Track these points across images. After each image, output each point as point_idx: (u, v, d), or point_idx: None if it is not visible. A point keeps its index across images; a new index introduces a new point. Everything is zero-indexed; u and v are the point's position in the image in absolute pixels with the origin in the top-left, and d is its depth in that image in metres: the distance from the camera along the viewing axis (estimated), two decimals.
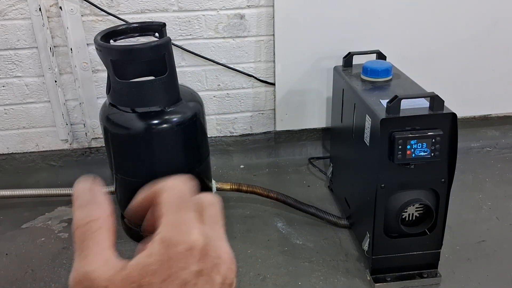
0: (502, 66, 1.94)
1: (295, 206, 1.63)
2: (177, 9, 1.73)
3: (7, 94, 1.79)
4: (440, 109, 1.19)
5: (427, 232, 1.31)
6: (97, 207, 0.31)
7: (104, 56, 1.32)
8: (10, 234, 1.61)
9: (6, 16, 1.66)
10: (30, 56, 1.73)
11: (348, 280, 1.37)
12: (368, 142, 1.27)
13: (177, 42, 1.76)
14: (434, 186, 1.25)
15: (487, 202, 1.70)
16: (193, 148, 1.47)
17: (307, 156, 2.01)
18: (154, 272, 0.28)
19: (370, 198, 1.28)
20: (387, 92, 1.35)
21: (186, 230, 0.30)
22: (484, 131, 2.09)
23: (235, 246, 1.51)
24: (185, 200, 0.32)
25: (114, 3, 1.68)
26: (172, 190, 0.32)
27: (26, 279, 1.40)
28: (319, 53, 1.81)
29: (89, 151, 1.94)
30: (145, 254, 0.29)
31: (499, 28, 1.86)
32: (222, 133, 1.98)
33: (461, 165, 1.84)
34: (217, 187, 1.64)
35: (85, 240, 0.30)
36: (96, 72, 1.78)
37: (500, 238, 1.52)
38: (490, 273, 1.38)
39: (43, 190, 1.72)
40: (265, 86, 1.90)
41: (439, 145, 1.17)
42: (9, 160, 1.91)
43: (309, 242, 1.53)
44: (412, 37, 1.83)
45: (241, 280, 1.38)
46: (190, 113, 1.41)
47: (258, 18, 1.77)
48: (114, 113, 1.39)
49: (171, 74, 1.36)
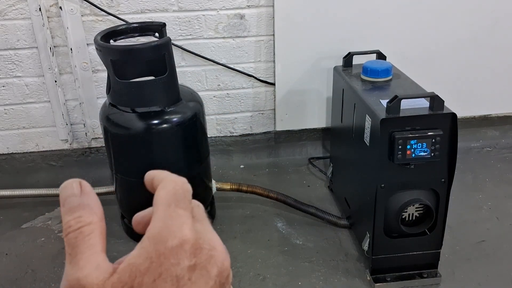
0: (502, 66, 1.94)
1: (295, 206, 1.63)
2: (177, 9, 1.73)
3: (7, 94, 1.79)
4: (440, 109, 1.19)
5: (427, 232, 1.31)
6: (88, 211, 0.30)
7: (104, 56, 1.32)
8: (10, 234, 1.61)
9: (6, 16, 1.66)
10: (30, 56, 1.73)
11: (348, 280, 1.37)
12: (368, 142, 1.27)
13: (177, 42, 1.76)
14: (434, 186, 1.25)
15: (487, 202, 1.70)
16: (193, 148, 1.47)
17: (307, 156, 2.01)
18: (145, 271, 0.27)
19: (370, 198, 1.28)
20: (387, 92, 1.35)
21: (176, 225, 0.29)
22: (484, 131, 2.09)
23: (235, 246, 1.51)
24: (178, 199, 0.31)
25: (114, 3, 1.68)
26: (165, 189, 0.32)
27: (26, 279, 1.40)
28: (319, 53, 1.81)
29: (89, 151, 1.94)
30: (134, 254, 0.28)
31: (499, 28, 1.86)
32: (222, 133, 1.98)
33: (461, 165, 1.84)
34: (217, 187, 1.64)
35: (77, 246, 0.29)
36: (96, 72, 1.78)
37: (500, 238, 1.52)
38: (490, 273, 1.38)
39: (43, 190, 1.72)
40: (265, 86, 1.90)
41: (439, 145, 1.17)
42: (9, 160, 1.91)
43: (309, 242, 1.53)
44: (412, 37, 1.83)
45: (241, 280, 1.37)
46: (190, 113, 1.41)
47: (258, 18, 1.77)
48: (114, 113, 1.39)
49: (171, 74, 1.36)
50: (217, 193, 1.65)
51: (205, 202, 1.59)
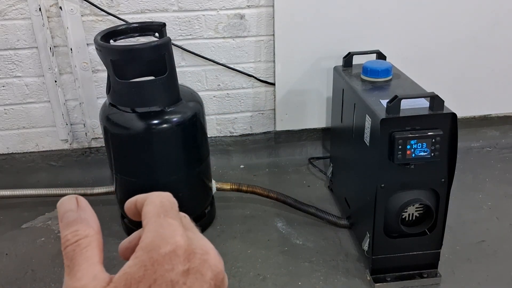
0: (502, 66, 1.94)
1: (295, 206, 1.63)
2: (177, 9, 1.73)
3: (7, 94, 1.79)
4: (440, 109, 1.19)
5: (427, 232, 1.31)
6: (84, 224, 0.31)
7: (104, 56, 1.32)
8: (10, 234, 1.61)
9: (6, 16, 1.66)
10: (30, 56, 1.73)
11: (348, 280, 1.37)
12: (368, 142, 1.27)
13: (177, 42, 1.76)
14: (434, 186, 1.25)
15: (487, 202, 1.70)
16: (193, 148, 1.47)
17: (307, 156, 2.01)
18: (140, 279, 0.28)
19: (370, 198, 1.28)
20: (387, 92, 1.35)
21: (168, 233, 0.30)
22: (484, 131, 2.09)
23: (235, 246, 1.51)
24: (166, 209, 0.32)
25: (114, 3, 1.68)
26: (152, 203, 0.33)
27: (26, 279, 1.40)
28: (319, 53, 1.81)
29: (89, 151, 1.94)
30: (129, 264, 0.29)
31: (499, 28, 1.86)
32: (222, 133, 1.98)
33: (461, 165, 1.84)
34: (217, 187, 1.64)
35: (75, 258, 0.30)
36: (96, 72, 1.78)
37: (500, 238, 1.52)
38: (490, 273, 1.38)
39: (43, 190, 1.72)
40: (265, 86, 1.90)
41: (439, 145, 1.17)
42: (9, 160, 1.91)
43: (309, 242, 1.53)
44: (412, 37, 1.83)
45: (241, 280, 1.37)
46: (190, 113, 1.41)
47: (258, 18, 1.77)
48: (114, 113, 1.39)
49: (171, 74, 1.36)
50: (217, 193, 1.65)
51: (205, 202, 1.59)
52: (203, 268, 0.30)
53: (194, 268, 0.30)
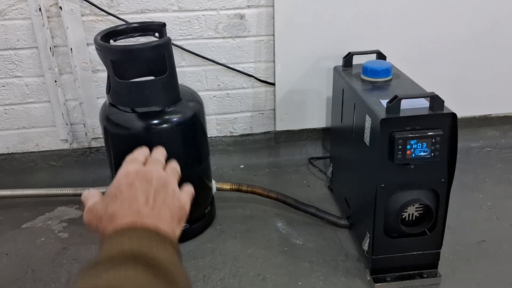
0: (502, 66, 1.94)
1: (295, 206, 1.63)
2: (177, 9, 1.73)
3: (7, 94, 1.79)
4: (440, 109, 1.19)
5: (427, 232, 1.31)
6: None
7: (104, 56, 1.32)
8: (10, 234, 1.61)
9: (6, 16, 1.66)
10: (30, 56, 1.73)
11: (348, 280, 1.37)
12: (368, 142, 1.27)
13: (177, 42, 1.76)
14: (434, 186, 1.25)
15: (487, 202, 1.70)
16: (193, 148, 1.47)
17: (307, 156, 2.01)
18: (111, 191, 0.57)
19: (370, 198, 1.28)
20: (387, 92, 1.35)
21: (125, 166, 0.62)
22: (484, 131, 2.09)
23: (235, 246, 1.51)
24: (135, 157, 0.63)
25: (114, 3, 1.69)
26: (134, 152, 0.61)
27: (26, 279, 1.40)
28: (319, 53, 1.82)
29: (89, 151, 1.94)
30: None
31: (499, 28, 1.86)
32: (222, 133, 1.98)
33: (461, 165, 1.84)
34: (217, 187, 1.64)
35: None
36: (96, 72, 1.78)
37: (500, 238, 1.52)
38: (490, 273, 1.38)
39: (43, 190, 1.72)
40: (265, 86, 1.90)
41: (439, 145, 1.17)
42: (9, 160, 1.91)
43: (309, 242, 1.53)
44: (412, 37, 1.83)
45: (241, 280, 1.38)
46: (190, 113, 1.41)
47: (258, 18, 1.77)
48: (114, 113, 1.39)
49: (171, 74, 1.36)
50: (217, 193, 1.65)
51: (205, 202, 1.59)
52: (148, 176, 0.60)
53: (141, 176, 0.59)
